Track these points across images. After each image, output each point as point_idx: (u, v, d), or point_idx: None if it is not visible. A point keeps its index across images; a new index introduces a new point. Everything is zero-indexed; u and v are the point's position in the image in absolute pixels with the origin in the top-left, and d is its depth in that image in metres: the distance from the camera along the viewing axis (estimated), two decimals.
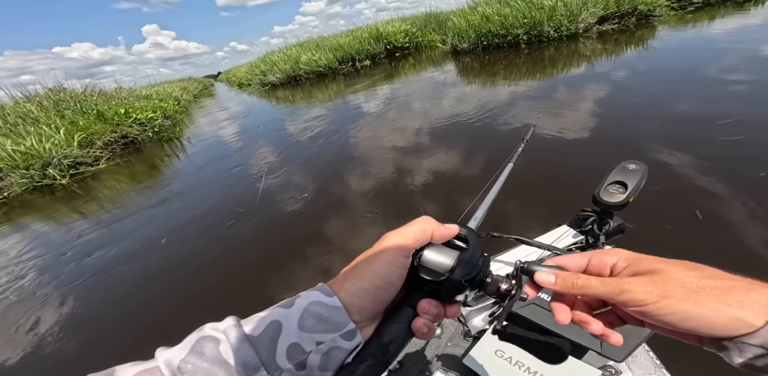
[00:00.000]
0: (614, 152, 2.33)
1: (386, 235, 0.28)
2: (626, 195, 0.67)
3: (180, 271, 2.27)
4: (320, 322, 0.25)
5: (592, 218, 0.78)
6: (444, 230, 0.28)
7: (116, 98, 8.70)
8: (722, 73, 3.34)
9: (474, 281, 0.27)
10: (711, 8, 9.62)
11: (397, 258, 0.26)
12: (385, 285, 0.26)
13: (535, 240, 0.74)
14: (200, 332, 0.24)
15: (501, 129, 3.22)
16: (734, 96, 2.83)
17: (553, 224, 0.87)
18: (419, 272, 0.27)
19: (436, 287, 0.26)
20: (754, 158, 1.89)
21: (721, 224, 1.44)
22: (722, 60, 3.80)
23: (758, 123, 2.24)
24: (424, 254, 0.27)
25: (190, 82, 24.33)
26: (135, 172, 5.11)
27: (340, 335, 0.25)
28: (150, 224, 3.06)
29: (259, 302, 1.10)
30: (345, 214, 2.42)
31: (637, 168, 0.71)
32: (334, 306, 0.25)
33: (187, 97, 15.33)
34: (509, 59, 6.83)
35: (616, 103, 3.28)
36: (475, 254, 0.27)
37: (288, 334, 0.24)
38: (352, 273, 0.27)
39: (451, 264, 0.26)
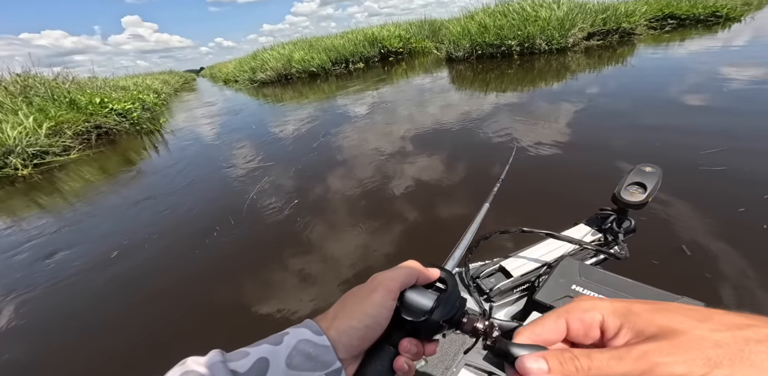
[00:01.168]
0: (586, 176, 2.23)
1: (376, 276, 0.29)
2: (646, 195, 0.72)
3: (116, 301, 1.78)
4: (308, 360, 0.25)
5: (612, 217, 0.80)
6: (427, 273, 0.30)
7: (90, 87, 8.18)
8: (684, 95, 3.52)
9: (452, 321, 0.28)
10: (684, 29, 10.52)
11: (386, 300, 0.27)
12: (373, 325, 0.27)
13: (564, 234, 0.75)
14: (183, 366, 0.23)
15: (487, 142, 3.11)
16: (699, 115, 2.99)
17: (570, 223, 0.88)
18: (401, 312, 0.28)
19: (416, 326, 0.28)
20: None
21: (710, 259, 1.37)
22: (685, 81, 4.07)
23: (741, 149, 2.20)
24: (407, 296, 0.29)
25: (172, 75, 23.30)
26: (107, 164, 4.73)
27: (326, 373, 0.25)
28: (106, 229, 2.67)
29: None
30: (339, 231, 2.20)
31: (653, 171, 0.76)
32: (322, 345, 0.26)
33: (167, 91, 14.66)
34: (501, 69, 7.02)
35: (591, 122, 3.23)
36: (453, 295, 0.29)
37: (275, 371, 0.24)
38: (342, 311, 0.28)
39: (431, 305, 0.28)
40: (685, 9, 11.14)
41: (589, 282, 0.62)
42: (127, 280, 1.98)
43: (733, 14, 11.75)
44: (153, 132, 6.44)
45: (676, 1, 11.49)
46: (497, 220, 1.83)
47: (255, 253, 2.04)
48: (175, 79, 21.06)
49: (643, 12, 9.23)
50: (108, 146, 5.79)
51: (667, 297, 0.55)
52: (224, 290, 1.75)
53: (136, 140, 6.05)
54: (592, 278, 0.62)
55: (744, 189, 1.78)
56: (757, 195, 1.70)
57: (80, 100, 6.54)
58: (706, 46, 6.48)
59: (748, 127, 2.54)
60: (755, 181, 1.83)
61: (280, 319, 1.50)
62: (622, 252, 0.74)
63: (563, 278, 0.64)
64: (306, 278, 1.74)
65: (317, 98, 7.45)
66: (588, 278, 0.62)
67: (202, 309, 1.65)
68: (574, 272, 0.64)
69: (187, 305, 1.70)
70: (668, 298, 0.54)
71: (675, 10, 10.99)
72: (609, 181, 0.82)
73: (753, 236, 1.46)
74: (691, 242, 1.49)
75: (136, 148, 5.44)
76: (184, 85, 22.73)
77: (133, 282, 1.95)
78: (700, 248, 1.45)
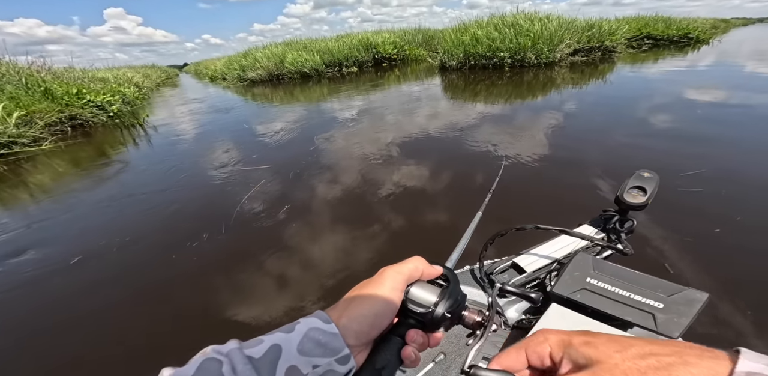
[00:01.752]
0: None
1: (384, 269, 0.31)
2: (647, 197, 0.78)
3: (66, 317, 1.53)
4: (318, 347, 0.26)
5: (616, 218, 0.86)
6: (431, 269, 0.32)
7: (67, 78, 7.72)
8: (654, 114, 3.69)
9: (454, 314, 0.30)
10: (659, 49, 11.26)
11: (394, 290, 0.29)
12: (382, 314, 0.29)
13: (576, 231, 0.80)
14: (204, 354, 0.25)
15: (477, 151, 3.10)
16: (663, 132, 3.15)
17: (574, 224, 0.92)
18: (407, 304, 0.30)
19: (421, 318, 0.30)
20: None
21: (689, 278, 1.37)
22: (657, 101, 4.30)
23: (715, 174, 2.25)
24: (412, 290, 0.31)
25: (154, 70, 22.38)
26: (81, 158, 4.41)
27: (336, 359, 0.26)
28: (75, 227, 2.41)
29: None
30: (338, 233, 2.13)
31: (651, 176, 0.82)
32: (331, 332, 0.27)
33: (149, 85, 14.05)
34: (492, 80, 7.19)
35: (574, 138, 3.26)
36: (455, 291, 0.31)
37: (287, 357, 0.25)
38: (353, 302, 0.29)
39: (435, 299, 0.30)
40: (661, 30, 11.96)
41: (603, 275, 0.65)
42: (83, 289, 1.72)
43: (702, 37, 12.72)
44: (134, 126, 6.09)
45: (653, 22, 12.32)
46: (499, 220, 1.81)
47: (242, 263, 1.82)
48: (156, 74, 20.22)
49: (624, 31, 9.79)
50: (84, 138, 5.43)
51: (674, 288, 0.60)
52: (201, 308, 1.52)
53: (114, 134, 5.69)
54: (605, 271, 0.66)
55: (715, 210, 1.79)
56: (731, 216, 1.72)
57: (56, 90, 6.14)
58: (677, 67, 6.97)
59: (715, 147, 2.66)
60: (728, 202, 1.86)
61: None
62: (627, 249, 0.79)
63: (578, 272, 0.67)
64: (294, 294, 1.56)
65: (309, 100, 7.33)
66: (601, 271, 0.66)
67: (172, 324, 1.45)
68: (588, 265, 0.67)
69: (154, 319, 1.49)
70: (675, 289, 0.60)
71: (652, 30, 11.77)
72: (587, 191, 0.78)
73: (727, 257, 1.47)
74: (670, 261, 1.48)
75: (114, 142, 5.10)
76: (166, 81, 21.90)
77: (92, 292, 1.70)
78: (676, 268, 1.45)
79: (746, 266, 1.44)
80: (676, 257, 1.49)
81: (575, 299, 0.63)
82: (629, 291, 0.61)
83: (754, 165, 2.31)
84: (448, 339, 0.75)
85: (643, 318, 0.57)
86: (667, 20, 12.64)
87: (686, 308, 0.57)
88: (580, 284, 0.65)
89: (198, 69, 28.10)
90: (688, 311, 0.56)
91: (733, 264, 1.45)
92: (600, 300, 0.61)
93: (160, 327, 1.44)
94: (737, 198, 1.91)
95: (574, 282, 0.65)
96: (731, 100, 3.98)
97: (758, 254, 1.48)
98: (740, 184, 2.05)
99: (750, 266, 1.44)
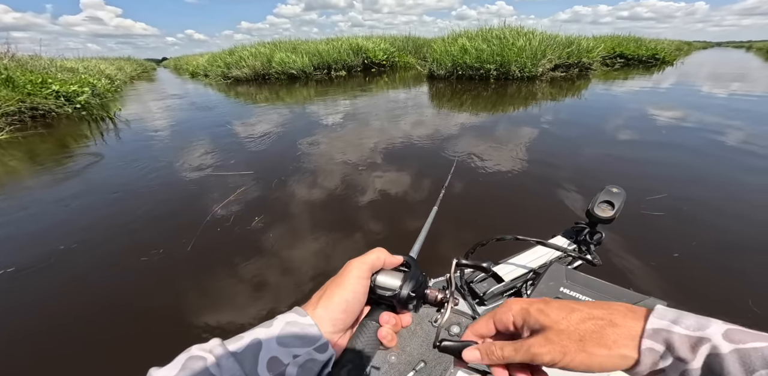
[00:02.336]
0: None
1: (350, 261, 0.33)
2: (614, 212, 0.84)
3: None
4: (296, 338, 0.28)
5: (586, 230, 0.91)
6: (393, 259, 0.35)
7: (33, 66, 7.17)
8: (620, 131, 3.90)
9: (417, 292, 0.33)
10: (629, 68, 12.05)
11: (360, 279, 0.32)
12: (352, 299, 0.31)
13: (551, 242, 0.84)
14: (188, 352, 0.26)
15: (437, 155, 3.19)
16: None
17: (549, 235, 0.98)
18: (376, 291, 0.33)
19: (390, 301, 0.33)
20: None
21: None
22: (623, 118, 4.55)
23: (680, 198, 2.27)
24: (378, 278, 0.34)
25: (129, 62, 21.24)
26: (38, 150, 4.05)
27: (314, 348, 0.28)
28: (10, 232, 2.12)
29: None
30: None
31: (618, 192, 0.88)
32: (307, 324, 0.29)
33: (122, 78, 13.30)
34: (478, 91, 7.36)
35: (546, 149, 3.35)
36: (416, 273, 0.34)
37: (268, 349, 0.27)
38: (325, 293, 0.31)
39: (400, 283, 0.33)
40: (632, 49, 12.84)
41: (575, 285, 0.69)
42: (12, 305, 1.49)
43: (668, 58, 13.75)
44: (103, 120, 5.68)
45: (625, 42, 13.20)
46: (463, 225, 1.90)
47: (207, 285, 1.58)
48: (132, 67, 19.19)
49: (600, 49, 10.39)
50: (45, 130, 5.01)
51: (637, 297, 0.65)
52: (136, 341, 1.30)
53: (80, 127, 5.28)
54: (576, 281, 0.70)
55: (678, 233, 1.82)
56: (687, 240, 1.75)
57: (18, 78, 5.66)
58: (643, 87, 7.44)
59: (676, 166, 2.79)
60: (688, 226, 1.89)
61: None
62: (596, 260, 0.85)
63: (552, 281, 0.71)
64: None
65: (296, 102, 7.15)
66: (573, 281, 0.70)
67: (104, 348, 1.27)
68: (561, 276, 0.72)
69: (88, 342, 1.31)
70: (638, 298, 0.64)
71: (624, 49, 12.60)
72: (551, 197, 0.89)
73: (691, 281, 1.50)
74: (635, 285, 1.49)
75: (78, 135, 4.73)
76: (142, 74, 20.85)
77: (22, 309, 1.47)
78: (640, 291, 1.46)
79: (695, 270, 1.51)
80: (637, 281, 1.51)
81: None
82: (598, 300, 0.62)
83: (700, 178, 2.55)
84: (429, 347, 0.77)
85: None
86: (638, 40, 13.60)
87: None
88: (553, 292, 0.69)
89: (178, 64, 27.03)
90: None
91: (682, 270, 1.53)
92: None
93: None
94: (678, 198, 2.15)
95: (548, 291, 0.69)
96: (686, 120, 4.29)
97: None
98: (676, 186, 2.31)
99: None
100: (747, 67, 12.87)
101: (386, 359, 0.75)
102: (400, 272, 0.34)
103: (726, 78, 8.98)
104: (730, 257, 1.63)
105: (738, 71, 11.15)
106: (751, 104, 5.25)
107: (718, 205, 2.12)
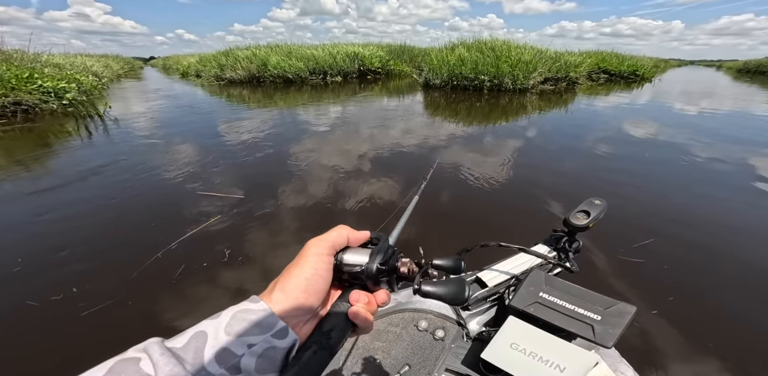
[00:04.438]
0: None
1: (308, 242, 0.31)
2: (588, 220, 0.87)
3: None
4: (250, 326, 0.25)
5: (565, 238, 0.94)
6: (358, 234, 0.33)
7: (18, 60, 6.91)
8: (596, 142, 4.13)
9: (388, 265, 0.31)
10: (612, 84, 12.66)
11: (319, 255, 0.29)
12: (313, 276, 0.28)
13: (533, 250, 0.88)
14: (120, 355, 0.23)
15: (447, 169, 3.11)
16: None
17: (531, 243, 1.02)
18: (343, 269, 0.31)
19: (359, 278, 0.30)
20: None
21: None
22: (602, 132, 4.86)
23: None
24: (344, 256, 0.31)
25: (116, 60, 20.65)
26: (13, 146, 3.87)
27: (272, 334, 0.25)
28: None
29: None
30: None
31: (600, 203, 0.92)
32: (261, 310, 0.26)
33: (109, 75, 12.93)
34: (471, 101, 7.55)
35: (532, 162, 3.40)
36: (384, 247, 0.32)
37: (215, 341, 0.24)
38: (282, 276, 0.29)
39: (366, 258, 0.31)
40: (615, 65, 13.53)
41: (554, 290, 0.72)
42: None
43: (647, 75, 14.55)
44: (91, 117, 5.49)
45: (609, 57, 13.91)
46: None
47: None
48: (119, 65, 18.66)
49: (587, 64, 10.91)
50: (26, 124, 4.80)
51: (609, 302, 0.68)
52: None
53: (64, 122, 5.09)
54: (555, 286, 0.73)
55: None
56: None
57: (3, 73, 5.46)
58: (623, 103, 7.77)
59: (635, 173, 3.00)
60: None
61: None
62: (573, 267, 0.88)
63: (533, 287, 0.73)
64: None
65: (288, 106, 7.09)
66: (552, 286, 0.73)
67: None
68: (541, 281, 0.74)
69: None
70: (610, 303, 0.68)
71: (608, 65, 13.27)
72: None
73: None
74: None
75: (60, 131, 4.56)
76: (129, 72, 20.30)
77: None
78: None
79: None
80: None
81: (529, 311, 0.69)
82: (574, 305, 0.68)
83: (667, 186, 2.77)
84: (413, 351, 0.77)
85: (584, 329, 0.64)
86: (620, 57, 14.36)
87: (619, 319, 0.64)
88: (534, 298, 0.71)
89: (167, 63, 26.49)
90: (620, 323, 0.63)
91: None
92: (550, 313, 0.68)
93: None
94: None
95: (529, 296, 0.72)
96: (659, 135, 4.56)
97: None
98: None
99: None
100: (718, 86, 13.77)
101: (371, 361, 0.75)
102: (367, 249, 0.32)
103: (700, 95, 9.60)
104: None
105: (711, 89, 11.93)
106: (718, 122, 5.63)
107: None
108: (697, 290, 1.56)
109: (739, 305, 1.46)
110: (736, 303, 1.47)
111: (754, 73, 25.23)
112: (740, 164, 3.29)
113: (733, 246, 1.89)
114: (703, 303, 1.48)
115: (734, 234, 2.02)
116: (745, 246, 1.90)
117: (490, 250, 0.87)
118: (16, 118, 5.14)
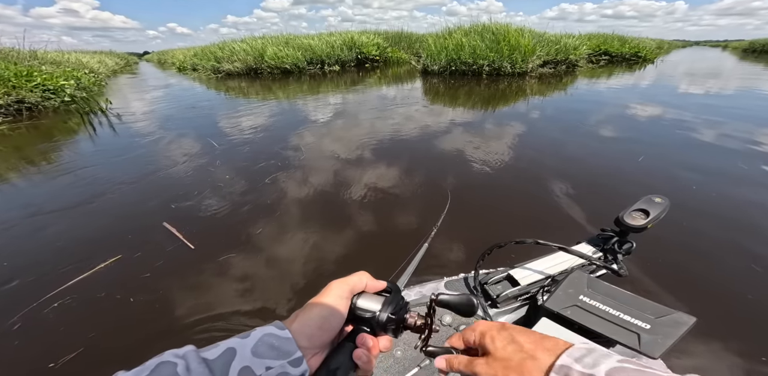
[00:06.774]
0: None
1: (331, 282, 0.34)
2: (647, 221, 0.78)
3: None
4: (271, 350, 0.28)
5: (615, 238, 0.87)
6: (376, 283, 0.36)
7: (16, 58, 6.91)
8: (597, 125, 4.13)
9: (397, 316, 0.34)
10: (613, 65, 12.44)
11: (339, 298, 0.33)
12: (329, 316, 0.31)
13: (574, 249, 0.80)
14: (160, 357, 0.26)
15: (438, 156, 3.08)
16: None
17: (572, 242, 0.93)
18: (356, 312, 0.34)
19: (368, 323, 0.33)
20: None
21: None
22: (604, 116, 4.82)
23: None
24: (359, 300, 0.34)
25: (110, 56, 20.42)
26: (19, 145, 3.93)
27: (288, 361, 0.28)
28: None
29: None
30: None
31: (661, 201, 0.82)
32: (284, 337, 0.29)
33: (105, 71, 12.85)
34: (471, 86, 7.48)
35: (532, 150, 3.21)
36: (396, 298, 0.35)
37: (241, 358, 0.27)
38: (304, 309, 0.32)
39: (379, 306, 0.34)
40: (616, 47, 13.24)
41: (596, 294, 0.67)
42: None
43: (649, 56, 14.26)
44: (95, 113, 5.54)
45: (610, 39, 13.60)
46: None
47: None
48: (114, 61, 18.47)
49: (585, 47, 10.71)
50: (28, 123, 4.86)
51: (663, 311, 0.63)
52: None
53: (65, 119, 5.13)
54: (598, 290, 0.68)
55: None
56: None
57: (4, 72, 5.51)
58: (625, 85, 7.65)
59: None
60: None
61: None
62: (622, 270, 0.80)
63: (572, 289, 0.69)
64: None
65: (288, 97, 7.06)
66: (595, 289, 0.68)
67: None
68: (582, 283, 0.69)
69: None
70: (664, 311, 0.62)
71: (609, 47, 12.99)
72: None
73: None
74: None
75: (61, 128, 4.62)
76: (124, 68, 20.10)
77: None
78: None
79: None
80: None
81: (565, 314, 0.66)
82: (619, 311, 0.63)
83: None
84: (410, 360, 0.74)
85: (628, 337, 0.60)
86: (622, 38, 14.04)
87: (672, 329, 0.60)
88: (572, 300, 0.67)
89: (162, 58, 26.15)
90: (673, 333, 0.59)
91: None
92: (589, 318, 0.64)
93: None
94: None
95: (567, 298, 0.68)
96: (665, 115, 4.51)
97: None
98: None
99: None
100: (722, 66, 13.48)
101: (392, 353, 0.75)
102: (381, 297, 0.35)
103: (705, 75, 9.43)
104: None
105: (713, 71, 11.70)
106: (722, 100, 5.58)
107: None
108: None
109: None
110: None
111: (760, 52, 24.76)
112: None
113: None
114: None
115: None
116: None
117: (525, 247, 0.80)
118: (21, 116, 5.21)
